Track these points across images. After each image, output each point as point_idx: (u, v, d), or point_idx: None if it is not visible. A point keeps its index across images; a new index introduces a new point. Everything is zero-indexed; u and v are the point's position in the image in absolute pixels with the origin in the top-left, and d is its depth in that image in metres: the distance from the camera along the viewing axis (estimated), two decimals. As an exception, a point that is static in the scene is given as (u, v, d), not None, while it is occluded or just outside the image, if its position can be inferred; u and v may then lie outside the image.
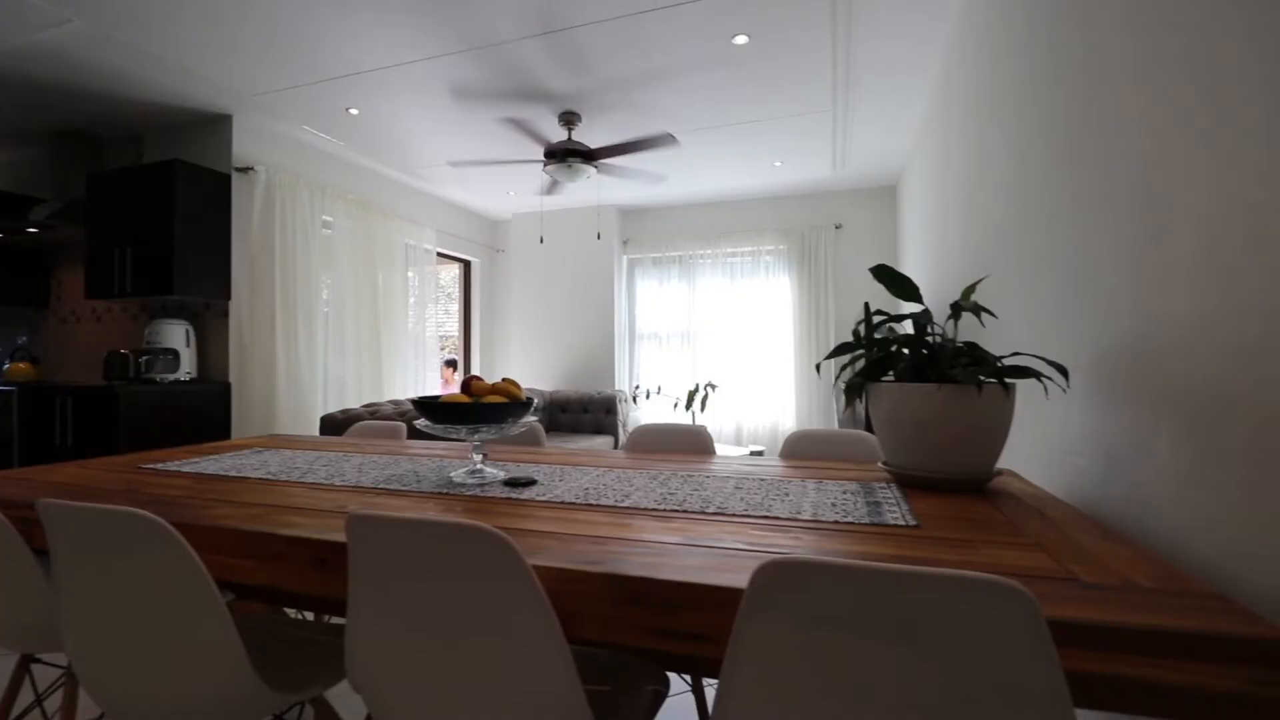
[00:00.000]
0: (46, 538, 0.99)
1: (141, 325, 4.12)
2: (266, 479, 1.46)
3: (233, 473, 1.54)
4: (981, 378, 1.16)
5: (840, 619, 0.67)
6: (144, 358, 3.62)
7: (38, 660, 1.44)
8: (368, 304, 4.74)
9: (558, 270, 6.04)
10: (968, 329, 2.21)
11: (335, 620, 2.05)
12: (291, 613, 2.10)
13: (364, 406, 3.61)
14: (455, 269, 6.46)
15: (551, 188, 4.35)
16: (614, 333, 5.82)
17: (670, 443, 1.89)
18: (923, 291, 2.04)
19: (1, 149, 4.44)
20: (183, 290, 3.58)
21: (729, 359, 5.59)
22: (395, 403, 3.80)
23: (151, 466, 1.63)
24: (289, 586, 0.98)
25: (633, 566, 0.82)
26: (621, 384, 5.87)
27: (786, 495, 1.21)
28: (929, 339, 1.26)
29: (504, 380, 1.42)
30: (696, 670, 1.36)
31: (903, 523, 1.02)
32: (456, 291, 6.60)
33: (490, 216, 6.46)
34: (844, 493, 1.23)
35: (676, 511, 1.10)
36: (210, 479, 1.47)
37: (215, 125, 3.88)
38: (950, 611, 0.63)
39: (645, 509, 1.12)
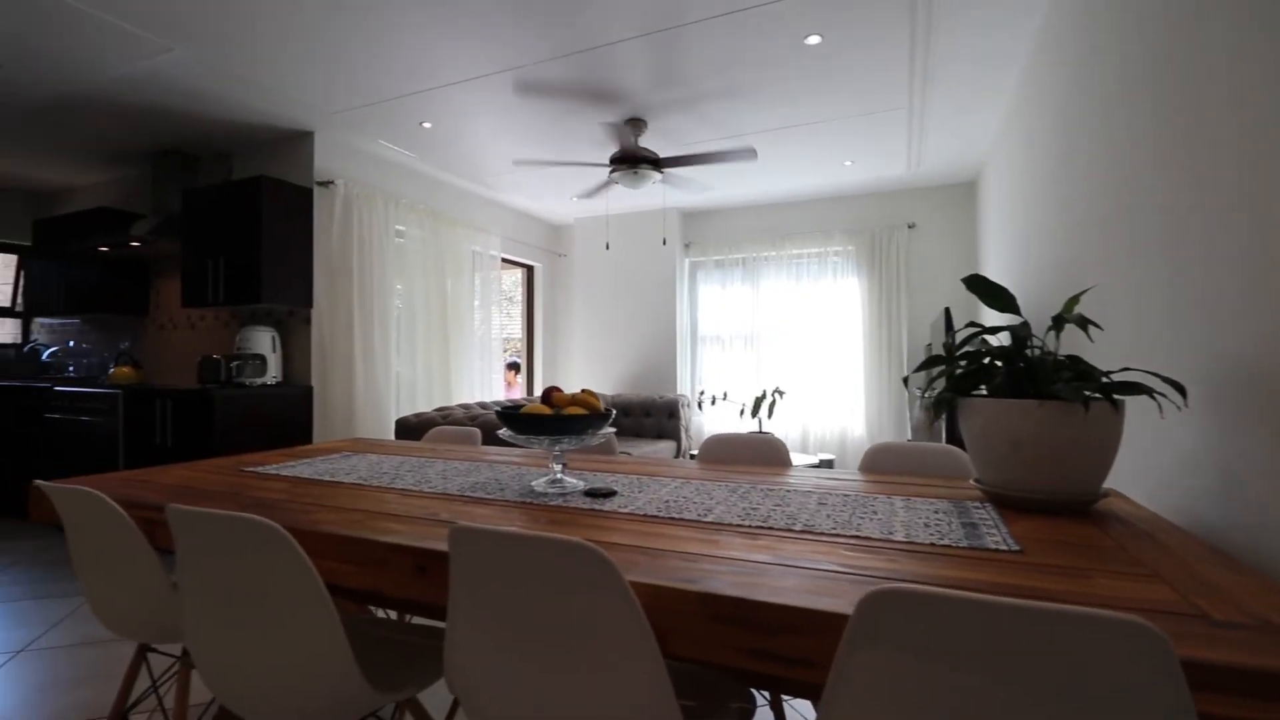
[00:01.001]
0: (173, 540, 1.06)
1: (232, 332, 4.38)
2: (358, 484, 1.53)
3: (326, 477, 1.62)
4: (1087, 393, 1.10)
5: (952, 652, 0.65)
6: (235, 363, 3.85)
7: (153, 650, 1.55)
8: (437, 309, 4.90)
9: (619, 273, 6.08)
10: (1068, 341, 2.09)
11: (418, 620, 2.12)
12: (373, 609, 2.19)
13: (435, 410, 3.73)
14: (518, 273, 6.59)
15: (602, 188, 4.35)
16: (675, 336, 5.81)
17: (744, 453, 1.87)
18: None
19: (107, 169, 4.81)
20: (269, 298, 3.79)
21: (794, 363, 5.48)
22: (465, 406, 3.91)
23: (252, 470, 1.73)
24: (389, 591, 1.02)
25: (726, 586, 0.82)
26: (683, 388, 5.86)
27: (874, 513, 1.18)
28: (1028, 352, 1.21)
29: (583, 391, 1.44)
30: (777, 688, 1.35)
31: (1004, 547, 0.98)
32: (517, 294, 6.74)
33: (552, 221, 6.57)
34: (936, 512, 1.19)
35: (762, 529, 1.09)
36: (306, 482, 1.55)
37: (298, 142, 4.09)
38: (1073, 650, 0.60)
39: (730, 525, 1.11)
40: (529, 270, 6.56)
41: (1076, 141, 2.12)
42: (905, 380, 1.40)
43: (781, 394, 4.67)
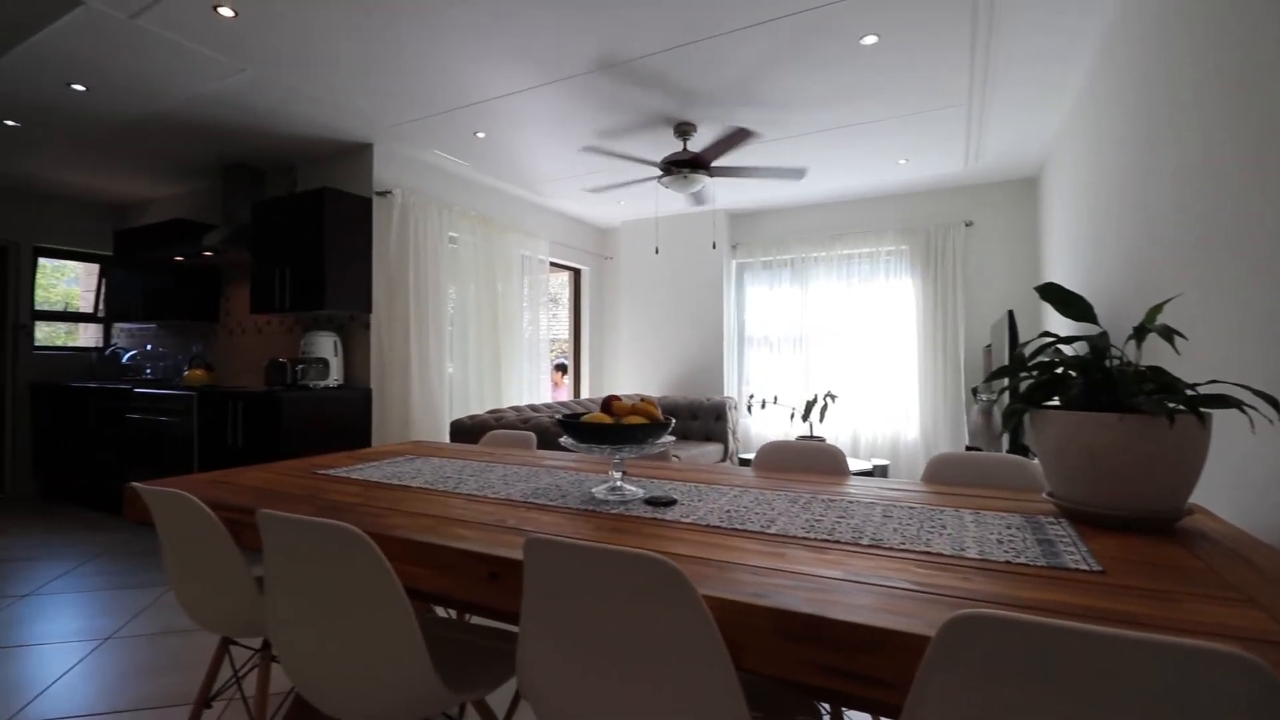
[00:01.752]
0: (262, 542, 1.12)
1: (296, 336, 4.57)
2: (425, 488, 1.58)
3: (394, 481, 1.68)
4: (1171, 406, 1.06)
5: (1039, 679, 0.64)
6: (300, 366, 4.01)
7: (235, 643, 1.64)
8: (488, 313, 5.01)
9: (666, 276, 6.09)
10: (1148, 352, 1.99)
11: (477, 620, 2.18)
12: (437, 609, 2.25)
13: (488, 412, 3.81)
14: (564, 276, 6.67)
15: (642, 183, 4.38)
16: (722, 338, 5.79)
17: (801, 461, 1.86)
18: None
19: (181, 182, 5.08)
20: (332, 305, 3.94)
21: (845, 365, 5.38)
22: (516, 409, 3.98)
23: (324, 472, 1.81)
24: (462, 596, 1.06)
25: (799, 603, 0.82)
26: (730, 389, 5.83)
27: (944, 528, 1.15)
28: (1108, 363, 1.17)
29: (642, 400, 1.46)
30: (842, 702, 1.33)
31: (1084, 567, 0.95)
32: (563, 296, 6.82)
33: (599, 225, 6.63)
34: (1008, 527, 1.16)
35: (829, 542, 1.08)
36: (376, 486, 1.61)
37: (358, 154, 4.24)
38: (1168, 681, 0.59)
39: (795, 537, 1.11)
40: (576, 273, 6.64)
41: (1155, 138, 2.03)
42: (974, 391, 1.36)
43: (834, 398, 4.57)
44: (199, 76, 3.14)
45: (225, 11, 2.53)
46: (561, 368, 7.11)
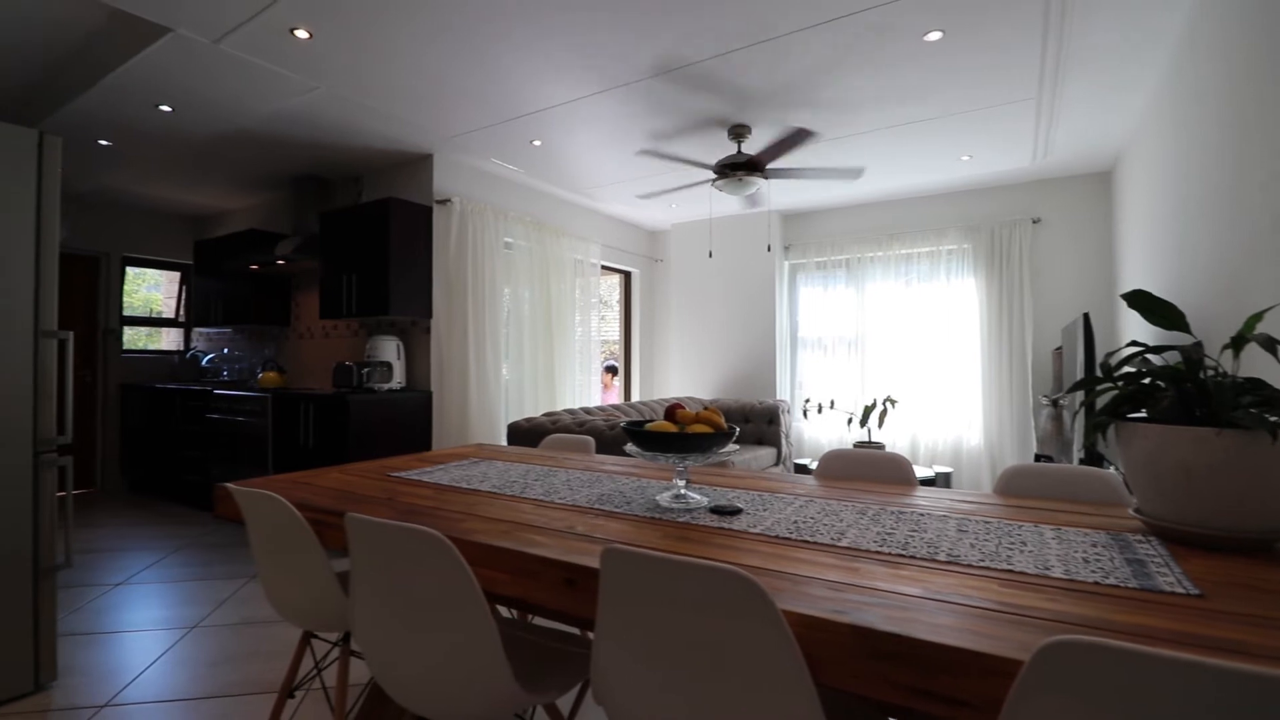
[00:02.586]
0: (349, 544, 1.18)
1: (361, 340, 4.75)
2: (494, 492, 1.62)
3: (463, 484, 1.74)
4: (1274, 420, 1.00)
5: (1136, 710, 0.62)
6: (365, 369, 4.17)
7: (315, 636, 1.72)
8: (542, 317, 5.10)
9: (717, 277, 6.07)
10: (1246, 363, 1.87)
11: (539, 620, 2.23)
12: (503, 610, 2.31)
13: (544, 415, 3.88)
14: (614, 278, 6.73)
15: (695, 186, 4.38)
16: (775, 340, 5.72)
17: (865, 470, 1.83)
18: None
19: (255, 194, 5.36)
20: (395, 310, 4.09)
21: (903, 368, 5.23)
22: (571, 412, 4.04)
23: (397, 475, 1.88)
24: (540, 601, 1.09)
25: (879, 620, 0.81)
26: (783, 393, 5.76)
27: (1024, 544, 1.12)
28: (1203, 375, 1.11)
29: (707, 409, 1.46)
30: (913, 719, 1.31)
31: (1180, 590, 0.91)
32: (612, 298, 6.87)
33: (649, 228, 6.65)
34: (1093, 545, 1.12)
35: (903, 557, 1.07)
36: (448, 490, 1.67)
37: (419, 164, 4.38)
38: (1287, 717, 0.56)
39: (868, 551, 1.10)
40: (626, 276, 6.68)
41: (1248, 133, 1.92)
42: (1055, 402, 1.32)
43: (894, 403, 4.44)
44: (275, 95, 3.31)
45: (301, 34, 2.66)
46: (611, 369, 7.16)
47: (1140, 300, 1.17)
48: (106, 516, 4.67)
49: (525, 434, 3.65)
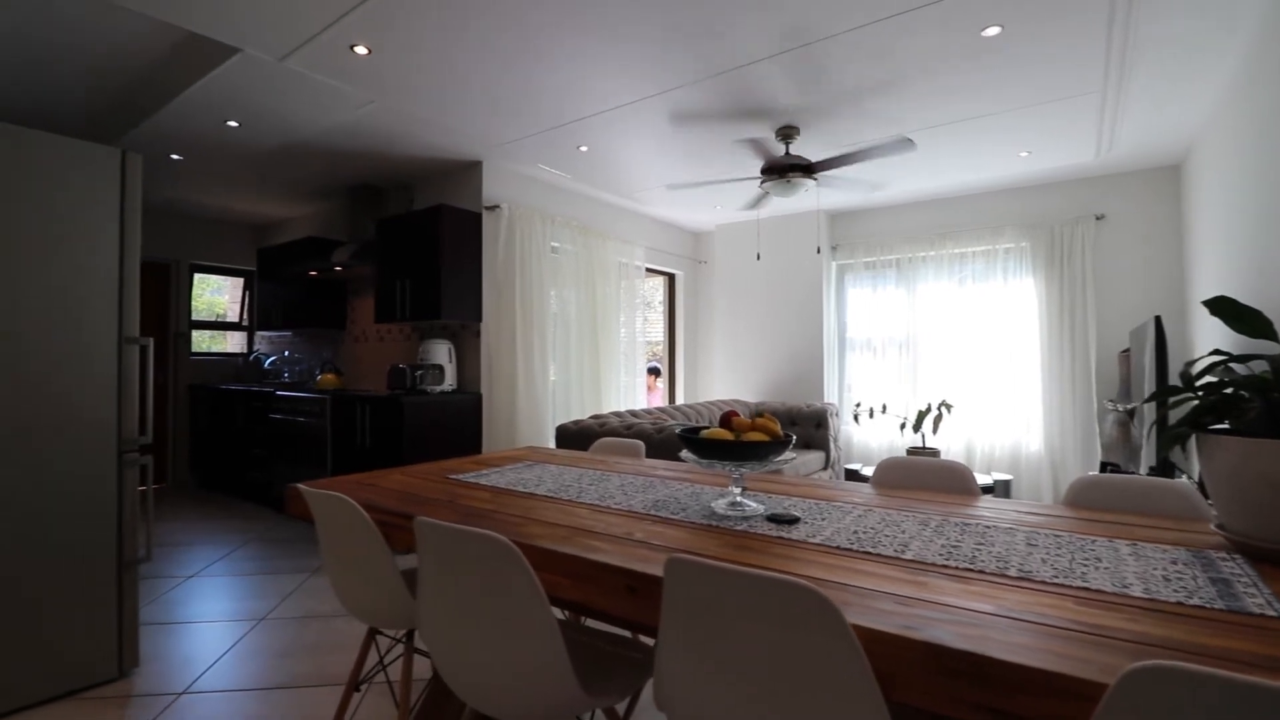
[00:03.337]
0: (417, 546, 1.22)
1: (414, 344, 4.89)
2: (550, 496, 1.65)
3: (519, 487, 1.77)
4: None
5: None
6: (418, 371, 4.29)
7: (380, 633, 1.79)
8: (587, 320, 5.15)
9: (762, 279, 6.01)
10: None
11: (591, 622, 2.26)
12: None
13: (591, 418, 3.92)
14: (657, 280, 6.73)
15: (759, 201, 4.36)
16: (822, 342, 5.64)
17: (923, 478, 1.79)
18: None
19: (312, 203, 5.56)
20: (447, 314, 4.19)
21: (957, 371, 5.07)
22: (618, 415, 4.07)
23: (456, 478, 1.93)
24: (601, 606, 1.11)
25: (952, 637, 0.80)
26: (830, 395, 5.67)
27: (1098, 560, 1.09)
28: (1293, 387, 1.06)
29: (764, 416, 1.46)
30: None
31: (1272, 612, 0.86)
32: (655, 300, 6.87)
33: (693, 229, 6.65)
34: (1173, 562, 1.07)
35: (972, 571, 1.05)
36: (505, 493, 1.71)
37: (469, 171, 4.48)
38: None
39: (934, 565, 1.08)
40: (670, 278, 6.69)
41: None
42: (1130, 413, 1.27)
43: (949, 408, 4.31)
44: (335, 109, 3.44)
45: (360, 50, 2.76)
46: (654, 371, 7.17)
47: (1224, 307, 1.11)
48: (177, 511, 4.92)
49: (573, 437, 3.70)
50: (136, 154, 2.40)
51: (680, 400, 6.65)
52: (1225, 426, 1.16)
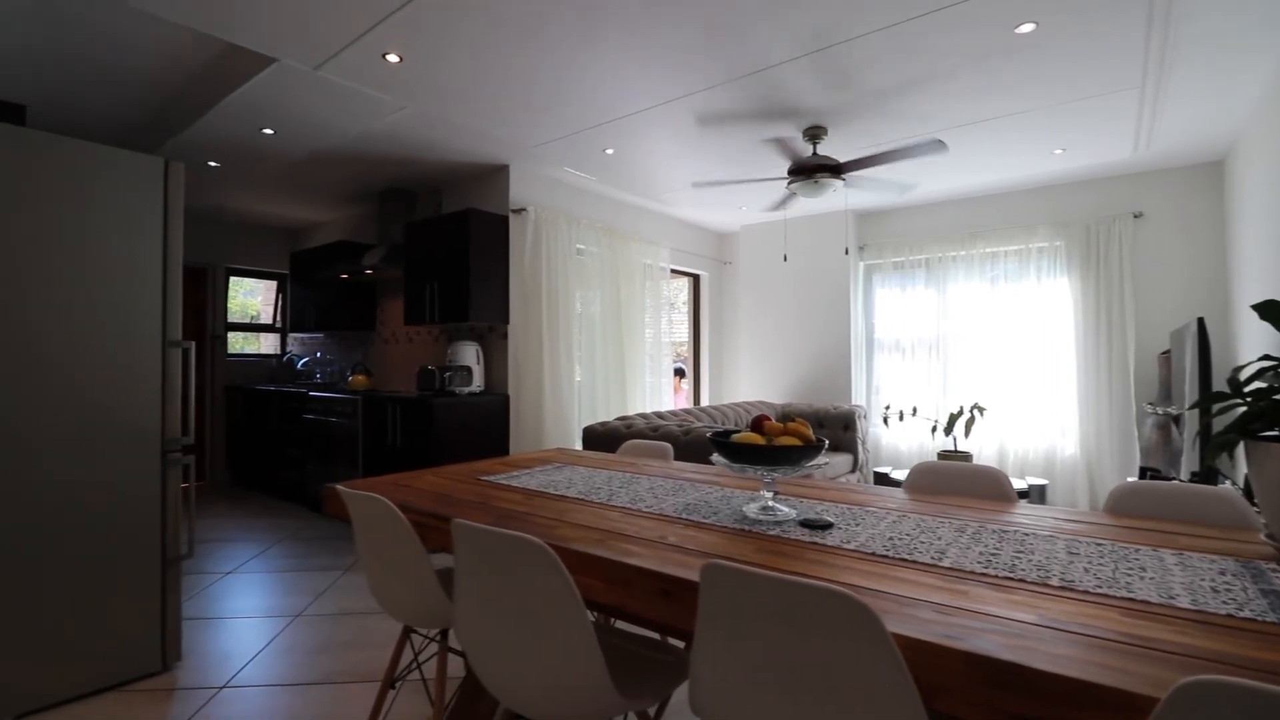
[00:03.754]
0: (454, 548, 1.24)
1: (442, 346, 4.95)
2: (581, 499, 1.67)
3: (551, 490, 1.79)
4: None
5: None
6: (447, 373, 4.35)
7: (414, 631, 1.82)
8: (612, 321, 5.17)
9: (788, 279, 5.97)
10: None
11: (621, 624, 2.27)
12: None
13: (618, 420, 3.93)
14: (682, 281, 6.73)
15: (785, 202, 4.34)
16: (849, 343, 5.58)
17: (957, 484, 1.77)
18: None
19: (343, 207, 5.67)
20: (475, 316, 4.24)
21: (989, 372, 4.98)
22: (644, 416, 4.08)
23: (487, 479, 1.96)
24: (635, 610, 1.12)
25: (996, 648, 0.79)
26: (858, 397, 5.61)
27: (1143, 570, 1.06)
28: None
29: (796, 421, 1.46)
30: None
31: (1331, 626, 0.84)
32: (679, 300, 6.87)
33: (718, 230, 6.63)
34: (1221, 573, 1.05)
35: (1012, 580, 1.03)
36: (536, 494, 1.73)
37: (496, 175, 4.53)
38: None
39: (973, 573, 1.07)
40: (695, 279, 6.68)
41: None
42: (1176, 420, 1.24)
43: (982, 411, 4.22)
44: (367, 116, 3.50)
45: (392, 58, 2.80)
46: (679, 372, 7.17)
47: (1273, 311, 1.08)
48: (214, 509, 5.05)
49: (600, 438, 3.72)
50: (179, 162, 2.48)
51: (705, 401, 6.64)
52: (1276, 434, 1.13)
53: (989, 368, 4.99)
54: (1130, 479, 4.21)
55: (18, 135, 2.10)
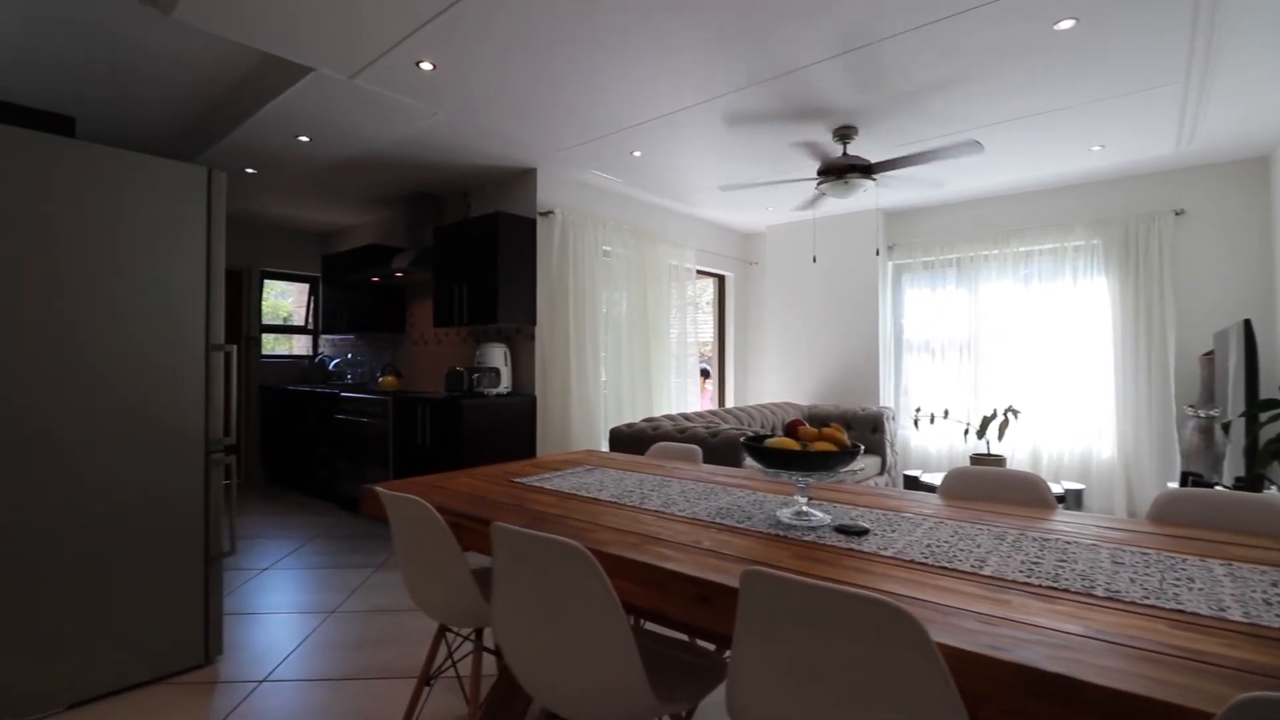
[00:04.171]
0: (492, 550, 1.26)
1: (470, 347, 5.02)
2: (614, 502, 1.68)
3: (583, 492, 1.81)
4: None
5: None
6: (475, 374, 4.40)
7: (449, 630, 1.85)
8: (638, 323, 5.18)
9: (815, 279, 5.93)
10: None
11: (650, 626, 2.28)
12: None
13: (645, 421, 3.94)
14: (707, 281, 6.71)
15: (814, 202, 4.31)
16: (878, 344, 5.52)
17: (995, 490, 1.74)
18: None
19: (374, 211, 5.77)
20: (503, 319, 4.29)
21: (1022, 373, 4.88)
22: (671, 418, 4.09)
23: (520, 481, 1.99)
24: (673, 615, 1.13)
25: (1042, 659, 0.79)
26: (886, 399, 5.54)
27: (1191, 580, 1.04)
28: None
29: (831, 426, 1.45)
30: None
31: (1393, 643, 0.82)
32: (703, 300, 6.85)
33: (744, 230, 6.61)
34: (1273, 584, 1.02)
35: (1056, 590, 1.02)
36: (569, 497, 1.75)
37: (524, 178, 4.57)
38: None
39: (1015, 582, 1.06)
40: (720, 279, 6.66)
41: None
42: (1226, 427, 1.22)
43: (1016, 414, 4.13)
44: (399, 122, 3.57)
45: (425, 65, 2.85)
46: (704, 373, 7.16)
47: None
48: (250, 506, 5.18)
49: (627, 440, 3.73)
50: (221, 172, 2.55)
51: (730, 402, 6.62)
52: (1332, 442, 1.10)
53: (1022, 368, 4.89)
54: (1171, 484, 4.10)
55: (70, 147, 2.18)
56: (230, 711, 2.14)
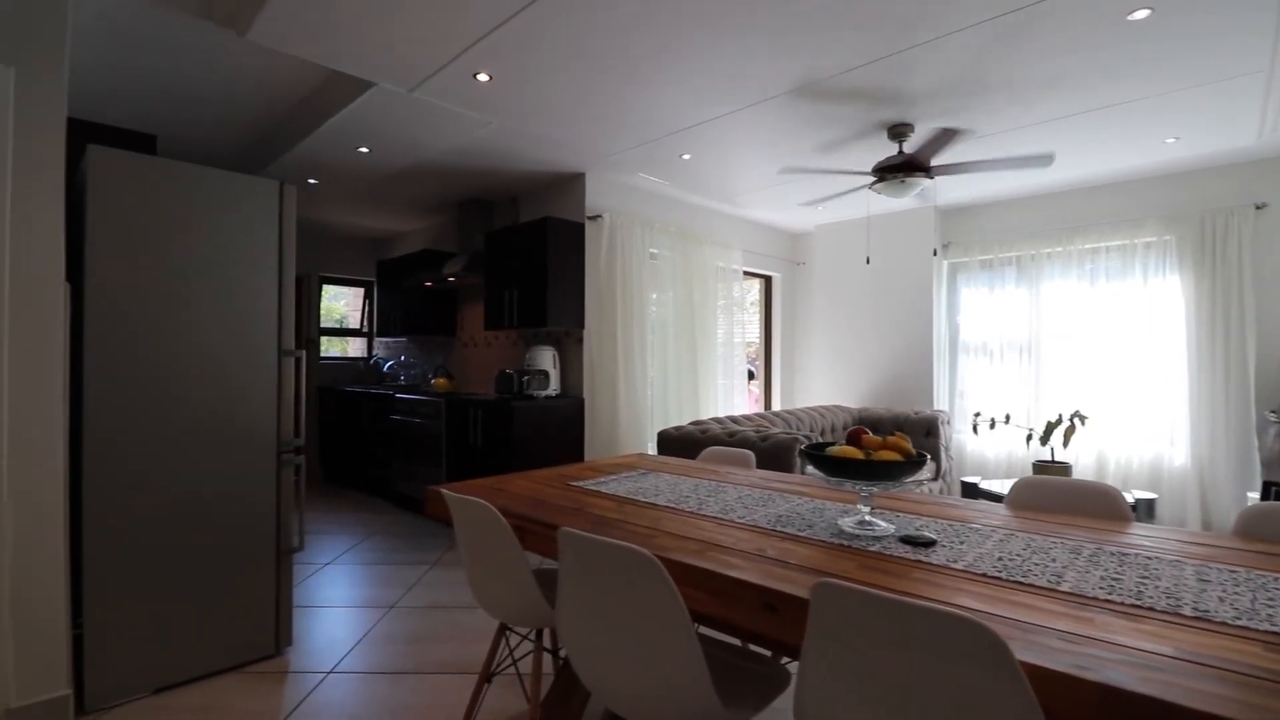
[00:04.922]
0: (559, 554, 1.29)
1: (520, 350, 5.11)
2: (671, 507, 1.70)
3: (640, 497, 1.83)
4: None
5: None
6: (525, 377, 4.48)
7: (509, 629, 1.89)
8: (685, 325, 5.18)
9: (866, 279, 5.81)
10: None
11: (705, 630, 2.28)
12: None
13: (692, 424, 3.95)
14: (753, 282, 6.66)
15: (845, 195, 4.22)
16: (932, 346, 5.38)
17: (1066, 501, 1.69)
18: None
19: (427, 217, 5.93)
20: (552, 322, 4.35)
21: (1088, 376, 4.68)
22: (719, 421, 4.08)
23: (577, 484, 2.02)
24: (740, 623, 1.13)
25: (1131, 680, 0.77)
26: (940, 402, 5.40)
27: (1289, 602, 1.00)
28: None
29: (896, 434, 1.44)
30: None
31: None
32: (747, 301, 6.79)
33: (791, 230, 6.53)
34: (1383, 609, 0.97)
35: (1140, 608, 0.99)
36: (627, 501, 1.77)
37: (573, 183, 4.63)
38: None
39: (1096, 599, 1.03)
40: (766, 280, 6.60)
41: None
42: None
43: (1083, 419, 3.96)
44: (455, 132, 3.67)
45: (482, 77, 2.93)
46: (749, 374, 7.10)
47: None
48: (311, 504, 5.38)
49: (675, 443, 3.74)
50: (292, 185, 2.67)
51: (776, 405, 6.56)
52: None
53: (1087, 371, 4.69)
54: (1251, 494, 3.87)
55: (157, 165, 2.32)
56: (301, 701, 2.23)
